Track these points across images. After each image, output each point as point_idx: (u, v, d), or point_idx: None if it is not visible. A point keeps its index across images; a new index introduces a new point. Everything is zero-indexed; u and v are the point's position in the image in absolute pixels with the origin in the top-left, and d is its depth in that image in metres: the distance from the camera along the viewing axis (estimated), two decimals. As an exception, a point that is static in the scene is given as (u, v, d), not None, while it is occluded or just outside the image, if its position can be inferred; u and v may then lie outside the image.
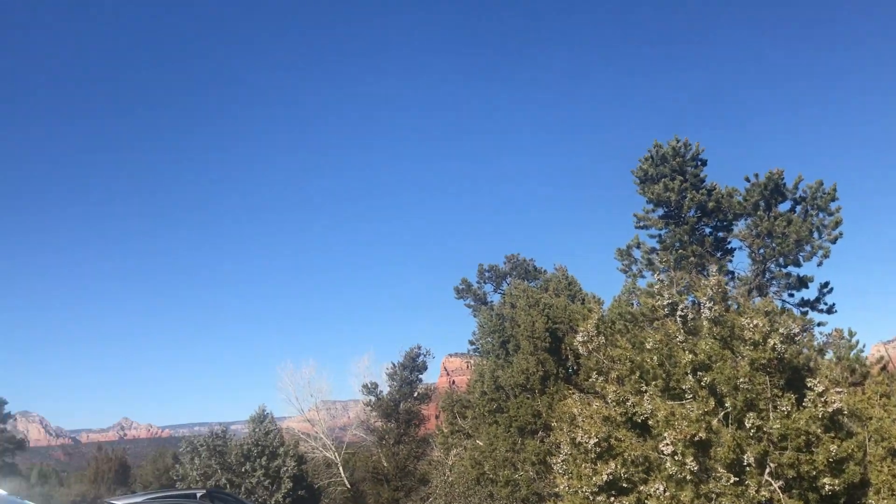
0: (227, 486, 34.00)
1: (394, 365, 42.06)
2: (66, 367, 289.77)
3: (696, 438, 11.58)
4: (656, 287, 14.94)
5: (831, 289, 26.32)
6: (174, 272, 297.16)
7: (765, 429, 11.53)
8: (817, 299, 26.36)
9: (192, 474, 34.71)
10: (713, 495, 11.54)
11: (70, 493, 45.02)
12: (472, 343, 36.94)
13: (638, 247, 27.13)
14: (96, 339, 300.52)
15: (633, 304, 20.71)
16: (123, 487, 54.67)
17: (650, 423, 12.71)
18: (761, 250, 25.64)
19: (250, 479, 34.44)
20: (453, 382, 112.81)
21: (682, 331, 13.46)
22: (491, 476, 23.24)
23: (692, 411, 11.94)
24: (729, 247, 27.31)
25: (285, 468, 35.01)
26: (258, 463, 34.69)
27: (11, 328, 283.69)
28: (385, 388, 42.22)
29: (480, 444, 24.71)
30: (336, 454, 41.33)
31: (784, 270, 25.93)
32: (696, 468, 11.52)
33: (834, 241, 25.00)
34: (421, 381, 43.25)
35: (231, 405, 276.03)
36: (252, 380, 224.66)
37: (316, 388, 42.91)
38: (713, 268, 18.80)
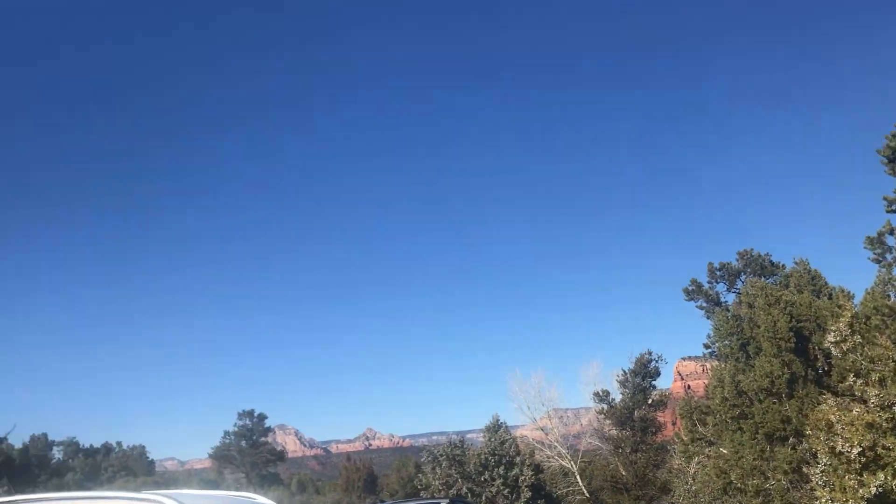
0: (469, 495, 34.86)
1: (624, 372, 41.23)
2: (317, 381, 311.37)
3: (984, 446, 10.26)
4: (919, 277, 13.48)
5: None
6: (409, 288, 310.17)
7: None
8: None
9: (434, 483, 35.94)
10: None
11: (325, 501, 48.29)
12: (706, 346, 35.38)
13: (891, 233, 24.66)
14: (342, 356, 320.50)
15: (889, 296, 18.85)
16: (372, 496, 57.75)
17: (924, 429, 11.45)
18: None
19: (490, 488, 35.08)
20: (688, 387, 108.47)
21: (954, 325, 12.02)
22: (739, 486, 21.98)
23: (976, 415, 10.61)
24: None
25: (523, 477, 35.33)
26: (496, 472, 35.27)
27: (268, 349, 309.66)
28: (617, 396, 41.48)
29: (724, 451, 23.49)
30: (572, 463, 41.06)
31: None
32: None
33: None
34: (654, 387, 42.07)
35: (464, 414, 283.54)
36: (483, 388, 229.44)
37: (547, 397, 42.96)
38: None
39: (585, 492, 39.90)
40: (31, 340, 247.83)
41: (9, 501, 7.63)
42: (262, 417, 65.29)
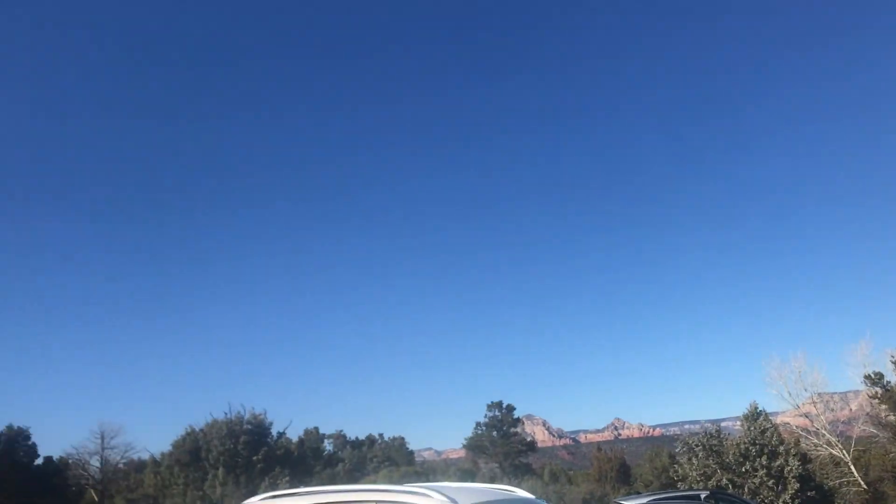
0: (729, 486, 33.31)
1: (900, 351, 37.42)
2: (563, 372, 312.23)
3: None
4: None
5: None
6: (656, 276, 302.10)
7: None
8: None
9: (691, 474, 34.70)
10: None
11: (579, 491, 48.18)
12: None
13: None
14: (589, 346, 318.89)
15: None
16: (625, 486, 56.96)
17: None
18: None
19: (752, 479, 33.27)
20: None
21: None
22: None
23: None
24: None
25: (789, 468, 33.13)
26: (758, 462, 33.36)
27: (515, 341, 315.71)
28: (892, 378, 37.80)
29: None
30: (843, 451, 37.94)
31: None
32: None
33: None
34: (937, 366, 37.79)
35: (717, 401, 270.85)
36: (737, 374, 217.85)
37: (809, 382, 40.02)
38: None
39: (862, 483, 36.73)
40: (301, 348, 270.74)
41: (294, 493, 8.29)
42: (510, 409, 66.67)
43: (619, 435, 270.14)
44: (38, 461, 47.49)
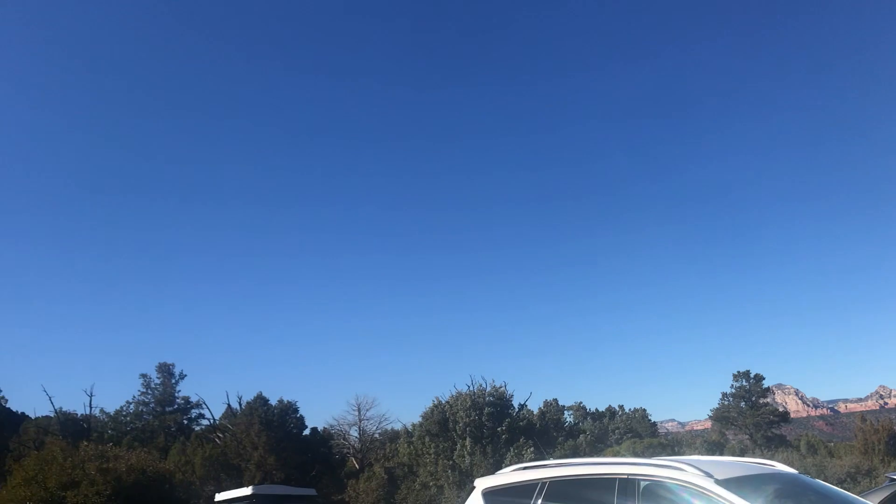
0: None
1: None
2: (819, 339, 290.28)
3: None
4: None
5: None
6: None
7: None
8: None
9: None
10: None
11: (842, 464, 44.73)
12: None
13: None
14: (840, 308, 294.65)
15: None
16: (897, 459, 52.21)
17: None
18: None
19: None
20: None
21: None
22: None
23: None
24: None
25: None
26: None
27: (761, 308, 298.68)
28: None
29: None
30: None
31: None
32: None
33: None
34: None
35: None
36: None
37: None
38: None
39: None
40: (539, 322, 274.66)
41: (546, 464, 8.38)
42: (758, 378, 63.42)
43: (885, 404, 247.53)
44: (306, 432, 51.93)
